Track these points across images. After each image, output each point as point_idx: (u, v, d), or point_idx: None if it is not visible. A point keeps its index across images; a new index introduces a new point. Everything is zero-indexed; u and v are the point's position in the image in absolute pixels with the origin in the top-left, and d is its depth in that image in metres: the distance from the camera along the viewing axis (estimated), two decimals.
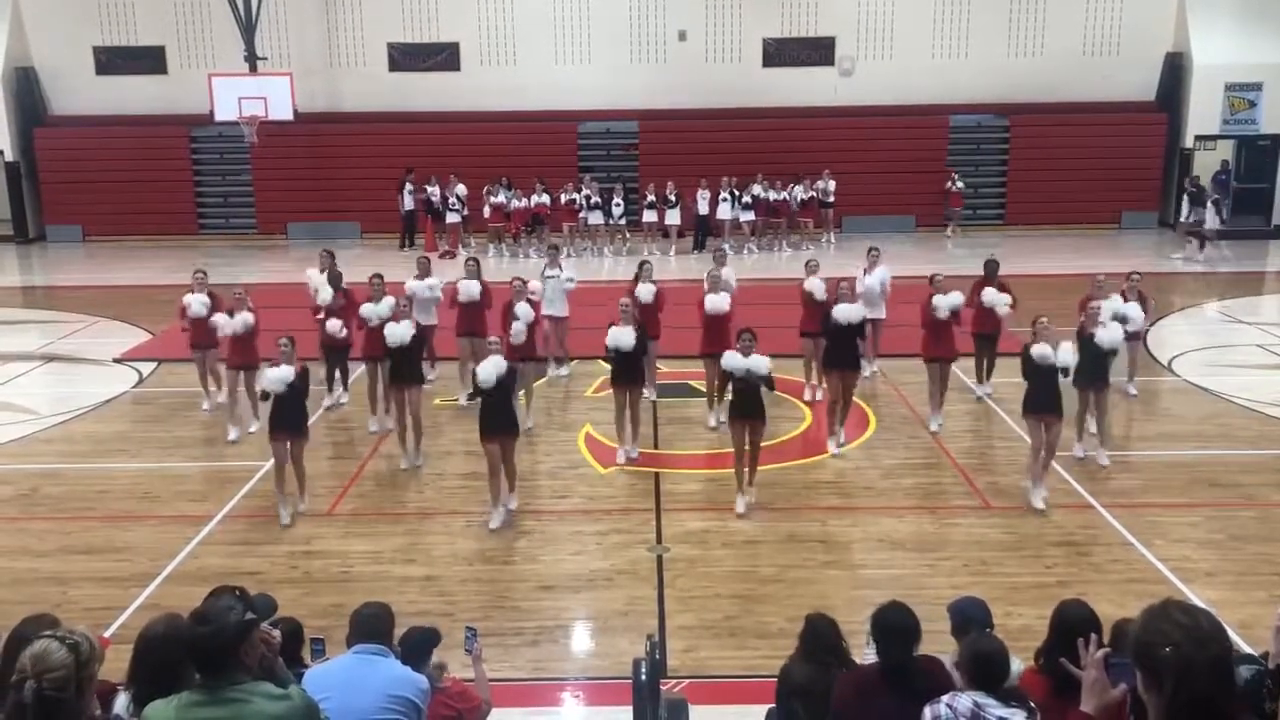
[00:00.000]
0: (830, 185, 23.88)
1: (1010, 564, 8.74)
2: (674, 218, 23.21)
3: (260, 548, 9.26)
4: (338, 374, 12.98)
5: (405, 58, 26.01)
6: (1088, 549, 9.01)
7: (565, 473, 10.96)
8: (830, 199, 24.00)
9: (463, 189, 23.24)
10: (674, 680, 7.03)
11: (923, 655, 4.48)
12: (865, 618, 4.69)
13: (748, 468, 9.88)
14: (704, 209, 23.27)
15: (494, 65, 25.95)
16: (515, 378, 9.91)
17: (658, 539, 9.33)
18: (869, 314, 12.06)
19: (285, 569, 8.83)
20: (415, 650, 4.91)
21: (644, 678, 5.30)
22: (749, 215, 23.22)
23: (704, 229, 23.63)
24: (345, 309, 12.42)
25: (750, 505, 9.77)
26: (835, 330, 11.20)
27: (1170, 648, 2.42)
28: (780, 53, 25.92)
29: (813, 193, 23.86)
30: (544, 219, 23.08)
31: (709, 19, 25.83)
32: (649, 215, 23.28)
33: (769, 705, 5.26)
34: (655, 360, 12.85)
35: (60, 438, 12.28)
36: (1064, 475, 10.36)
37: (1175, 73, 25.49)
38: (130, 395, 13.90)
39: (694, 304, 12.21)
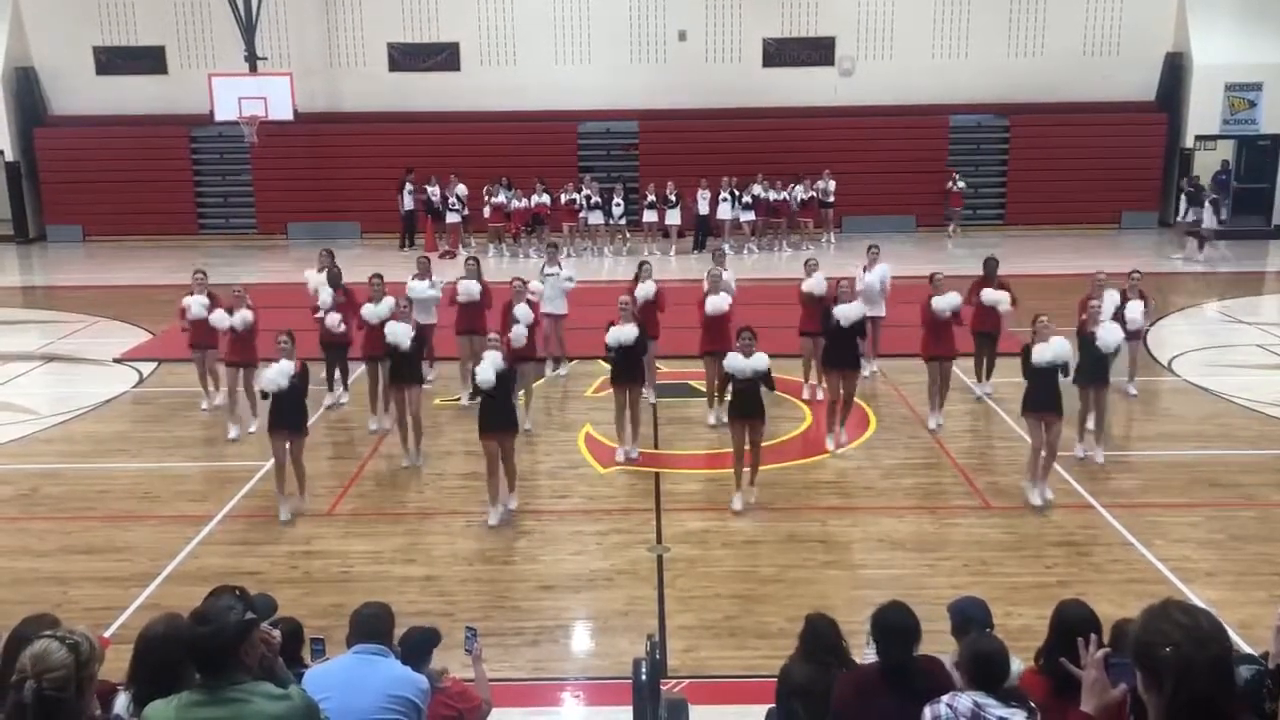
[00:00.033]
0: (830, 185, 23.88)
1: (1010, 564, 8.74)
2: (674, 218, 23.22)
3: (260, 548, 9.26)
4: (338, 373, 13.00)
5: (405, 58, 26.01)
6: (1088, 549, 9.01)
7: (565, 473, 10.96)
8: (830, 199, 24.01)
9: (463, 189, 23.23)
10: (674, 680, 7.03)
11: (923, 655, 4.48)
12: (865, 618, 4.69)
13: (749, 468, 9.89)
14: (704, 209, 23.27)
15: (494, 65, 25.95)
16: (515, 376, 9.93)
17: (658, 539, 9.33)
18: (869, 311, 12.10)
19: (285, 569, 8.83)
20: (415, 650, 4.91)
21: (644, 678, 5.30)
22: (749, 215, 23.22)
23: (704, 229, 23.63)
24: (345, 307, 12.44)
25: (751, 505, 9.77)
26: (835, 330, 11.20)
27: (1170, 648, 2.42)
28: (780, 53, 25.92)
29: (813, 193, 23.86)
30: (544, 219, 23.07)
31: (709, 19, 25.83)
32: (649, 215, 23.28)
33: (769, 705, 5.25)
34: (654, 361, 12.85)
35: (60, 438, 12.28)
36: (1064, 475, 10.36)
37: (1175, 73, 25.49)
38: (130, 395, 13.90)
39: (694, 304, 12.21)
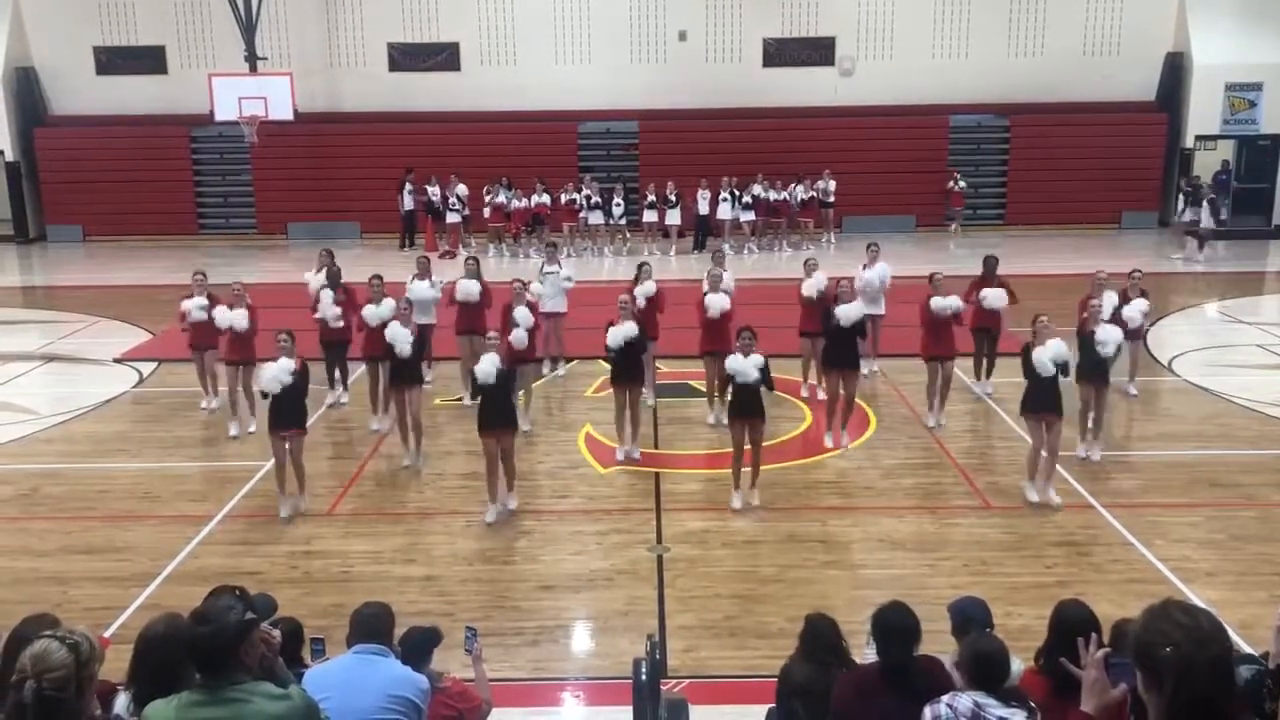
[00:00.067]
0: (830, 185, 23.88)
1: (1010, 564, 8.74)
2: (674, 218, 23.22)
3: (260, 548, 9.26)
4: (338, 372, 13.00)
5: (405, 58, 26.01)
6: (1088, 549, 9.01)
7: (565, 473, 10.96)
8: (830, 199, 24.01)
9: (463, 189, 23.23)
10: (674, 680, 7.03)
11: (923, 655, 4.48)
12: (865, 618, 4.69)
13: (751, 469, 9.86)
14: (704, 209, 23.26)
15: (494, 65, 25.95)
16: (515, 375, 9.93)
17: (658, 539, 9.33)
18: (869, 310, 12.14)
19: (285, 569, 8.83)
20: (415, 650, 4.91)
21: (644, 678, 5.30)
22: (749, 215, 23.22)
23: (704, 229, 23.63)
24: (345, 306, 12.45)
25: (754, 508, 9.72)
26: (835, 330, 11.20)
27: (1171, 648, 2.42)
28: (780, 53, 25.92)
29: (813, 193, 23.86)
30: (544, 219, 23.07)
31: (709, 19, 25.83)
32: (649, 215, 23.28)
33: (769, 705, 5.25)
34: (654, 361, 12.84)
35: (60, 438, 12.28)
36: (1064, 475, 10.34)
37: (1175, 73, 25.49)
38: (130, 395, 13.90)
39: (694, 304, 12.21)
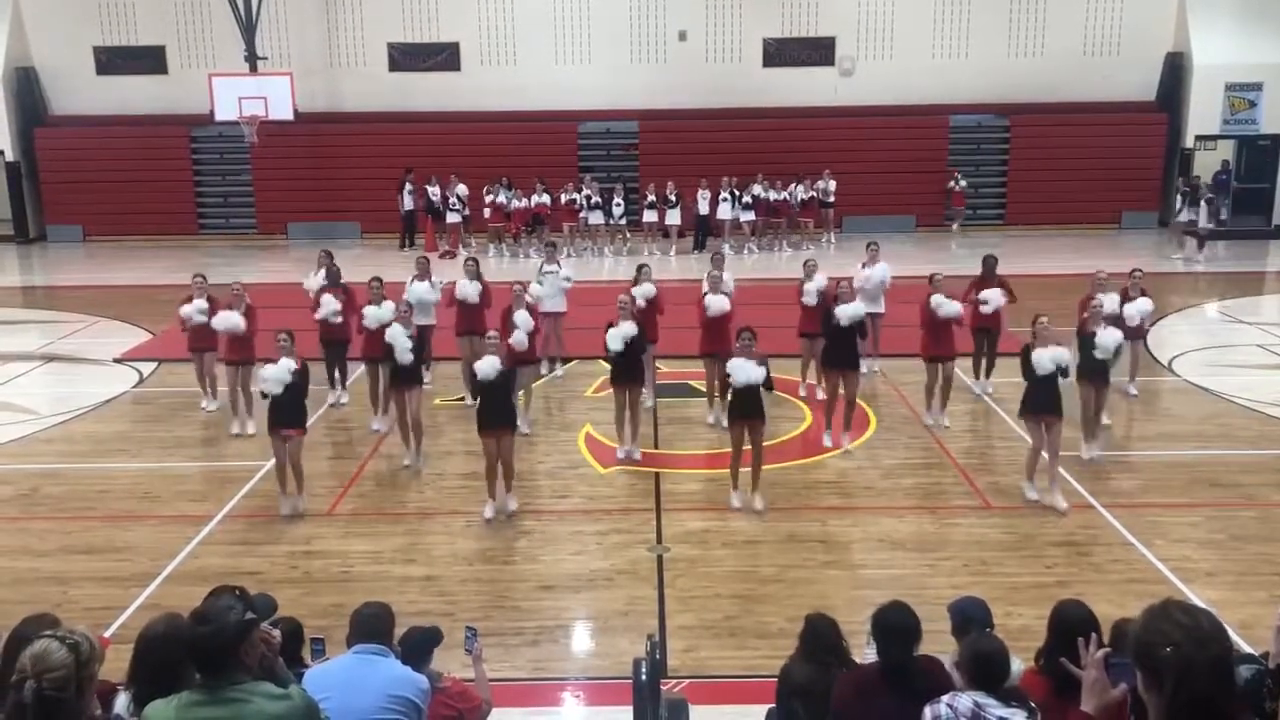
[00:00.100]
0: (830, 185, 23.88)
1: (1010, 564, 8.74)
2: (674, 218, 23.22)
3: (260, 548, 9.26)
4: (337, 372, 12.99)
5: (405, 58, 26.02)
6: (1088, 549, 9.01)
7: (565, 473, 10.96)
8: (830, 199, 24.01)
9: (463, 189, 23.23)
10: (674, 680, 7.03)
11: (923, 655, 4.48)
12: (865, 618, 4.69)
13: (752, 471, 9.83)
14: (704, 209, 23.27)
15: (494, 65, 25.95)
16: (514, 376, 9.94)
17: (658, 539, 9.33)
18: (869, 308, 12.17)
19: (285, 569, 8.83)
20: (415, 650, 4.91)
21: (644, 678, 5.30)
22: (749, 215, 23.22)
23: (704, 229, 23.63)
24: (345, 306, 12.45)
25: (756, 510, 9.67)
26: (835, 329, 11.19)
27: (1171, 648, 2.42)
28: (780, 53, 25.92)
29: (813, 193, 23.86)
30: (544, 219, 23.06)
31: (709, 19, 25.83)
32: (649, 215, 23.28)
33: (769, 705, 5.25)
34: (653, 363, 12.82)
35: (60, 438, 12.28)
36: (1064, 475, 10.30)
37: (1175, 73, 25.50)
38: (130, 395, 13.90)
39: (693, 304, 12.21)
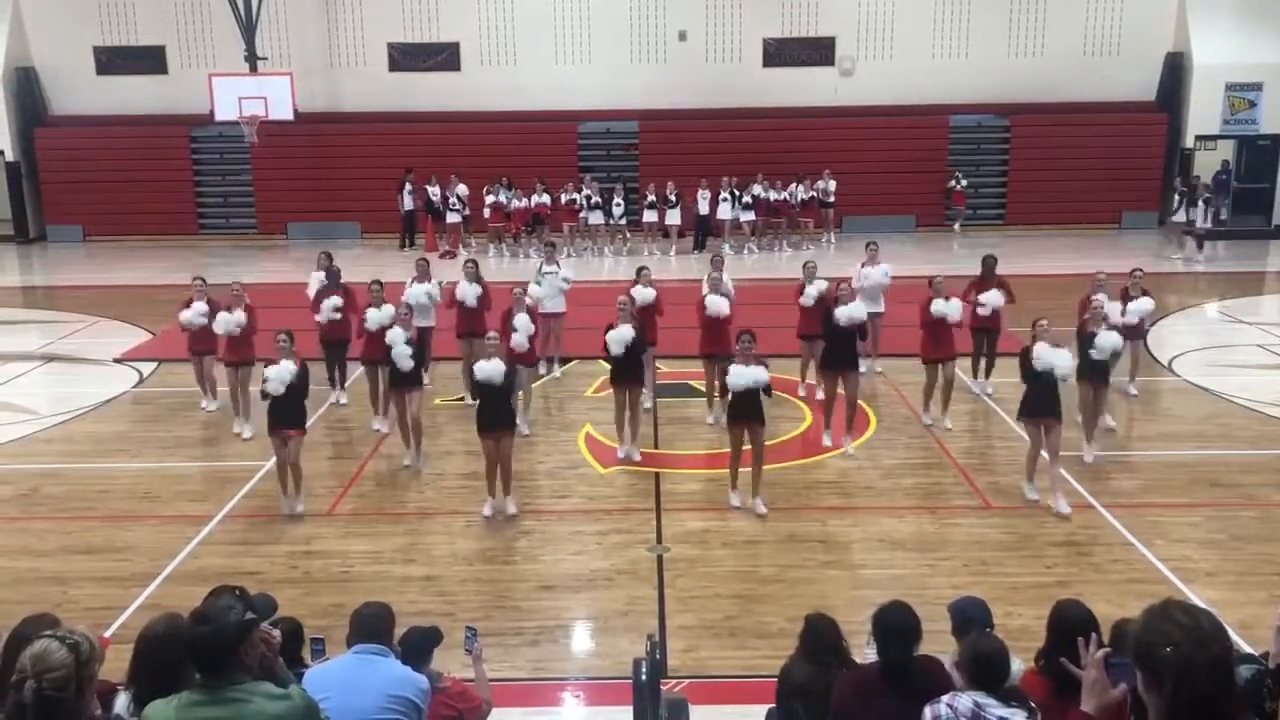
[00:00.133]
0: (830, 185, 23.88)
1: (1010, 564, 8.74)
2: (674, 218, 23.21)
3: (260, 548, 9.27)
4: (337, 372, 12.99)
5: (405, 58, 26.01)
6: (1088, 549, 9.01)
7: (565, 473, 10.96)
8: (830, 199, 24.01)
9: (464, 189, 23.23)
10: (674, 680, 7.03)
11: (923, 655, 4.47)
12: (865, 618, 4.69)
13: (753, 475, 9.79)
14: (704, 209, 23.26)
15: (494, 65, 25.95)
16: (515, 377, 9.94)
17: (658, 539, 9.33)
18: (870, 308, 12.18)
19: (285, 569, 8.83)
20: (415, 650, 4.91)
21: (644, 678, 5.30)
22: (749, 215, 23.21)
23: (704, 229, 23.63)
24: (345, 306, 12.46)
25: (759, 514, 9.63)
26: (836, 331, 11.18)
27: (1171, 648, 2.42)
28: (780, 53, 25.92)
29: (813, 193, 23.85)
30: (544, 219, 23.06)
31: (709, 19, 25.83)
32: (649, 215, 23.28)
33: (769, 705, 5.25)
34: (653, 364, 12.80)
35: (60, 438, 12.28)
36: (1064, 475, 10.32)
37: (1175, 73, 25.49)
38: (130, 395, 13.90)
39: (693, 304, 12.21)
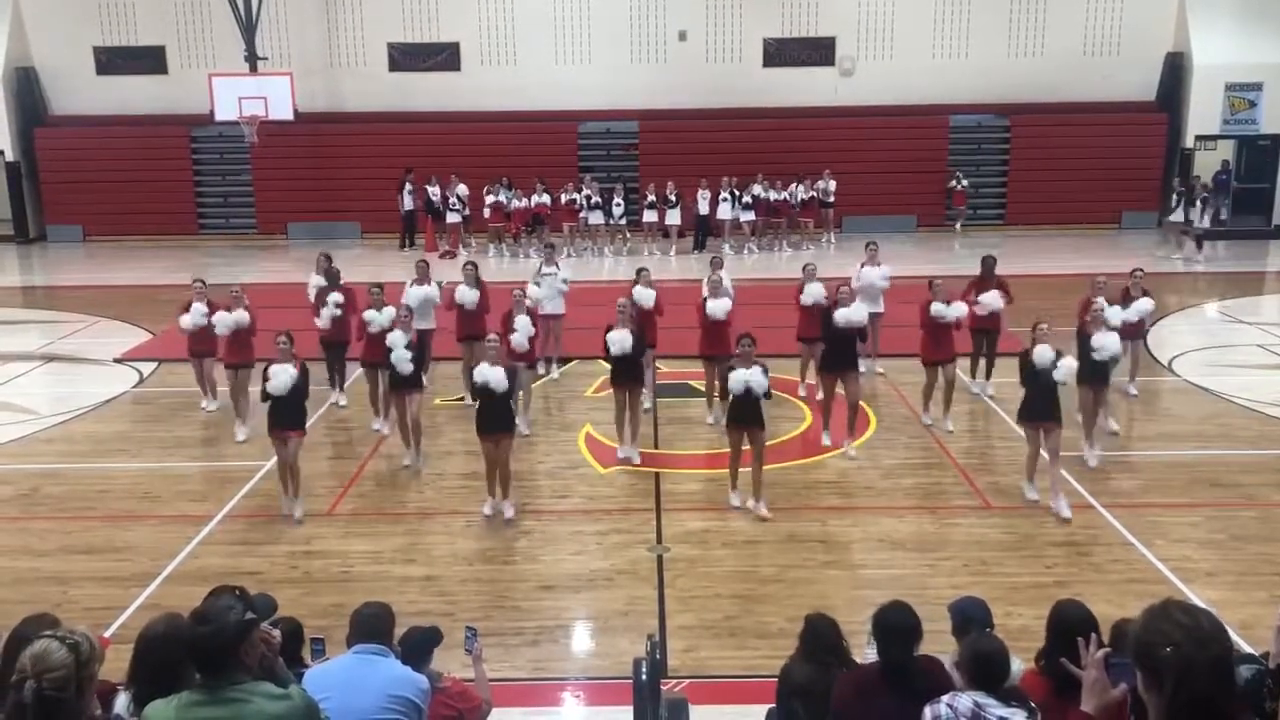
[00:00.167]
0: (830, 185, 23.87)
1: (1010, 564, 8.75)
2: (674, 218, 23.20)
3: (260, 548, 9.27)
4: (337, 375, 12.97)
5: (405, 58, 26.01)
6: (1088, 549, 9.01)
7: (565, 473, 10.96)
8: (830, 199, 24.00)
9: (464, 189, 23.22)
10: (674, 680, 7.03)
11: (923, 655, 4.47)
12: (865, 618, 4.69)
13: (753, 479, 9.77)
14: (704, 209, 23.26)
15: (494, 65, 25.95)
16: (515, 378, 9.94)
17: (658, 539, 9.33)
18: (870, 308, 12.18)
19: (285, 569, 8.83)
20: (415, 650, 4.91)
21: (644, 678, 5.30)
22: (749, 215, 23.21)
23: (704, 229, 23.63)
24: (345, 307, 12.46)
25: (762, 518, 9.60)
26: (835, 333, 11.17)
27: (1171, 648, 2.42)
28: (780, 53, 25.92)
29: (813, 193, 23.84)
30: (544, 219, 23.06)
31: (709, 19, 25.83)
32: (649, 215, 23.27)
33: (769, 705, 5.25)
34: (653, 364, 12.79)
35: (60, 438, 12.28)
36: (1064, 475, 10.32)
37: (1175, 73, 25.49)
38: (130, 395, 13.90)
39: (693, 304, 12.20)
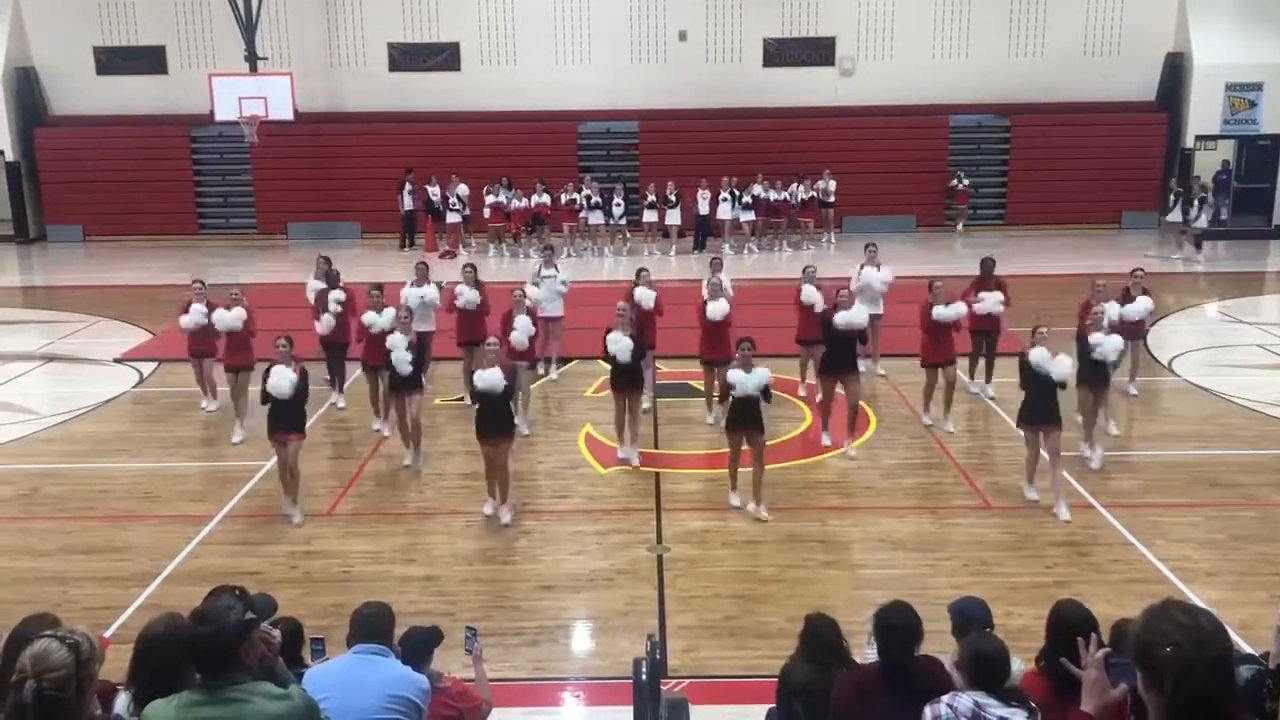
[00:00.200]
0: (830, 185, 23.86)
1: (1010, 564, 8.75)
2: (674, 218, 23.20)
3: (260, 548, 9.27)
4: (336, 377, 12.97)
5: (405, 58, 26.01)
6: (1088, 549, 9.01)
7: (565, 473, 10.96)
8: (830, 199, 23.99)
9: (464, 189, 23.22)
10: (674, 680, 7.03)
11: (923, 655, 4.47)
12: (865, 618, 4.69)
13: (754, 481, 9.76)
14: (704, 209, 23.25)
15: (494, 65, 25.94)
16: (515, 381, 9.94)
17: (658, 539, 9.33)
18: (869, 309, 12.17)
19: (285, 569, 8.83)
20: (415, 650, 4.91)
21: (644, 678, 5.30)
22: (749, 215, 23.21)
23: (704, 229, 23.62)
24: (345, 308, 12.46)
25: (762, 520, 9.59)
26: (835, 336, 11.17)
27: (1171, 648, 2.42)
28: (780, 53, 25.91)
29: (813, 193, 23.83)
30: (544, 219, 23.05)
31: (709, 19, 25.82)
32: (649, 215, 23.26)
33: (769, 705, 5.25)
34: (653, 364, 12.77)
35: (60, 438, 12.28)
36: (1065, 477, 10.32)
37: (1175, 73, 25.48)
38: (130, 395, 13.90)
39: (693, 305, 12.20)
